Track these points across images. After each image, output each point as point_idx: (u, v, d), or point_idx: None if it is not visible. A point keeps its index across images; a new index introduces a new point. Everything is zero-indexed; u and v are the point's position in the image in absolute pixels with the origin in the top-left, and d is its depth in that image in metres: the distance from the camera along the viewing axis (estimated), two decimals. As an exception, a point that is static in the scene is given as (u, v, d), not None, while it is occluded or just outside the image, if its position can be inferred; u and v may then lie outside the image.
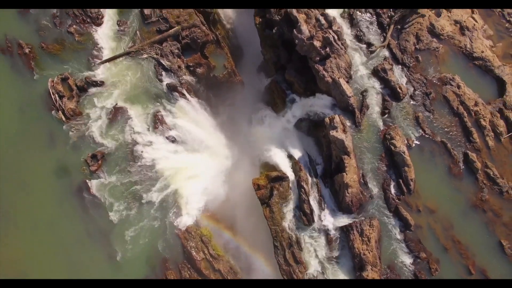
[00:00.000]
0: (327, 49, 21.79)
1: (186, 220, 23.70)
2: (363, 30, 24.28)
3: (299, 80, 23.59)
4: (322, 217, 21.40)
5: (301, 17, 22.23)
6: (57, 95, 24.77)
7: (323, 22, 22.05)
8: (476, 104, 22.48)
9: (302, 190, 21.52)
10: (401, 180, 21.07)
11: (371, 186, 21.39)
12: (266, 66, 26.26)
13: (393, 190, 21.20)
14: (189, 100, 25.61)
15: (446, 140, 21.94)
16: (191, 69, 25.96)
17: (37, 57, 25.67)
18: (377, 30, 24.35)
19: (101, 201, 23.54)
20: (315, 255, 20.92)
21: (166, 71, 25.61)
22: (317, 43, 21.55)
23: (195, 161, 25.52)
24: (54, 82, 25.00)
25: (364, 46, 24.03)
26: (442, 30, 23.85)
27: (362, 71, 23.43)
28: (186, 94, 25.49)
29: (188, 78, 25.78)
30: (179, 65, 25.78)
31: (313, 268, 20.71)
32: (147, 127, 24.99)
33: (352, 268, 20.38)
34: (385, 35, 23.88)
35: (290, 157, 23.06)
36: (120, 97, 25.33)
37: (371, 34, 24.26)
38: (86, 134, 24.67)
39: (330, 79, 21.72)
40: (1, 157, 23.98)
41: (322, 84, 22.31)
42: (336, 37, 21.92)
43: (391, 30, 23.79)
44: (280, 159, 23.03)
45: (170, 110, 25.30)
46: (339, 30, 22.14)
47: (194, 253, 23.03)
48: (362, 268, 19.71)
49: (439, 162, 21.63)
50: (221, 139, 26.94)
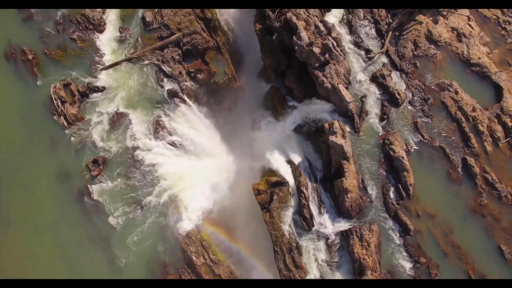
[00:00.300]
0: (326, 55, 22.02)
1: (186, 225, 23.75)
2: (362, 36, 24.53)
3: (299, 86, 23.78)
4: (322, 222, 21.42)
5: (300, 24, 22.49)
6: (59, 101, 24.99)
7: (322, 29, 22.29)
8: (474, 109, 22.66)
9: (302, 195, 21.57)
10: (400, 185, 21.14)
11: (371, 191, 21.44)
12: (266, 72, 26.47)
13: (392, 195, 21.24)
14: (190, 105, 25.82)
15: (444, 145, 22.04)
16: (192, 75, 26.22)
17: (40, 63, 25.97)
18: (375, 37, 24.60)
19: (102, 206, 23.65)
20: (315, 260, 20.92)
21: (167, 77, 25.86)
22: (316, 50, 21.79)
23: (196, 166, 25.64)
24: (57, 87, 25.24)
25: (362, 53, 24.22)
26: (439, 37, 24.14)
27: (361, 77, 23.58)
28: (187, 99, 25.71)
29: (189, 84, 26.03)
30: (180, 71, 26.04)
31: (313, 273, 20.71)
32: (148, 133, 25.16)
33: (351, 273, 20.37)
34: (383, 42, 24.14)
35: (290, 162, 23.11)
36: (121, 102, 25.55)
37: (370, 41, 24.51)
38: (88, 139, 24.84)
39: (329, 85, 21.92)
40: (3, 161, 24.13)
41: (321, 90, 22.51)
42: (335, 43, 22.14)
43: (390, 37, 24.05)
44: (280, 164, 23.10)
45: (171, 116, 25.49)
46: (338, 36, 22.36)
47: (195, 258, 23.04)
48: (361, 272, 19.70)
49: (438, 167, 21.71)
50: (221, 144, 27.07)
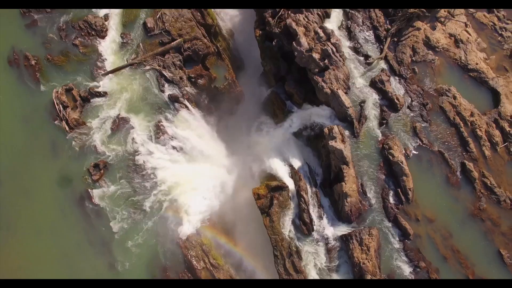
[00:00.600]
0: (326, 61, 22.23)
1: (186, 229, 23.76)
2: (361, 42, 24.78)
3: (299, 91, 23.99)
4: (322, 226, 21.46)
5: (300, 30, 22.75)
6: (61, 106, 25.20)
7: (322, 34, 22.54)
8: (472, 114, 22.82)
9: (302, 199, 21.64)
10: (399, 189, 21.20)
11: (370, 195, 21.49)
12: (266, 77, 26.73)
13: (391, 199, 21.30)
14: (190, 110, 26.02)
15: (443, 149, 22.14)
16: (193, 80, 26.47)
17: (42, 68, 26.23)
18: (374, 42, 24.86)
19: (102, 210, 23.68)
20: (315, 264, 20.95)
21: (168, 82, 26.10)
22: (316, 55, 22.02)
23: (196, 170, 25.73)
24: (59, 92, 25.47)
25: (362, 58, 24.42)
26: (437, 43, 24.40)
27: (360, 83, 23.76)
28: (187, 104, 25.91)
29: (189, 89, 26.26)
30: (181, 76, 26.28)
31: (312, 277, 20.68)
32: (149, 137, 25.33)
33: (351, 277, 20.33)
34: (382, 48, 24.40)
35: (290, 166, 23.22)
36: (123, 107, 25.74)
37: (369, 47, 24.76)
38: (89, 143, 24.98)
39: (329, 90, 22.11)
40: (4, 165, 24.27)
41: (321, 95, 22.70)
42: (334, 49, 22.35)
43: (388, 43, 24.31)
44: (279, 169, 23.19)
45: (172, 121, 25.67)
46: (338, 42, 22.57)
47: (195, 262, 23.04)
48: (361, 277, 19.66)
49: (437, 171, 21.78)
50: (221, 149, 27.22)
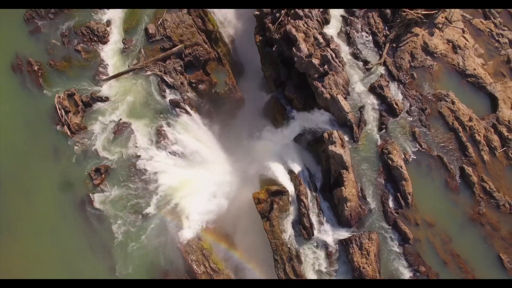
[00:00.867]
0: (325, 66, 22.44)
1: (187, 233, 23.84)
2: (360, 48, 25.02)
3: (298, 96, 24.19)
4: (322, 230, 21.53)
5: (300, 35, 23.00)
6: (63, 110, 25.44)
7: (321, 40, 22.78)
8: (470, 119, 22.98)
9: (302, 204, 21.73)
10: (399, 193, 21.29)
11: (370, 200, 21.57)
12: (266, 83, 26.92)
13: (391, 203, 21.38)
14: (191, 115, 26.23)
15: (442, 154, 22.26)
16: (194, 85, 26.71)
17: (45, 74, 26.55)
18: (373, 48, 25.11)
19: (103, 214, 23.82)
20: (315, 269, 20.99)
21: (169, 88, 26.35)
22: (315, 61, 22.25)
23: (197, 175, 25.89)
24: (61, 97, 25.73)
25: (361, 64, 24.64)
26: (435, 49, 24.66)
27: (359, 88, 23.93)
28: (188, 109, 26.13)
29: (190, 94, 26.49)
30: (182, 81, 26.53)
31: (313, 281, 20.73)
32: (150, 142, 25.52)
33: (351, 281, 20.39)
34: (381, 53, 24.64)
35: (290, 171, 23.36)
36: (124, 112, 26.01)
37: (368, 52, 24.99)
38: (90, 148, 25.19)
39: (328, 96, 22.30)
40: (6, 169, 24.44)
41: (320, 100, 22.88)
42: (334, 55, 22.56)
43: (387, 48, 24.56)
44: (279, 173, 23.31)
45: (172, 125, 25.88)
46: (337, 48, 22.79)
47: (195, 266, 23.07)
48: (361, 281, 19.76)
49: (436, 176, 21.87)
50: (222, 153, 27.37)
